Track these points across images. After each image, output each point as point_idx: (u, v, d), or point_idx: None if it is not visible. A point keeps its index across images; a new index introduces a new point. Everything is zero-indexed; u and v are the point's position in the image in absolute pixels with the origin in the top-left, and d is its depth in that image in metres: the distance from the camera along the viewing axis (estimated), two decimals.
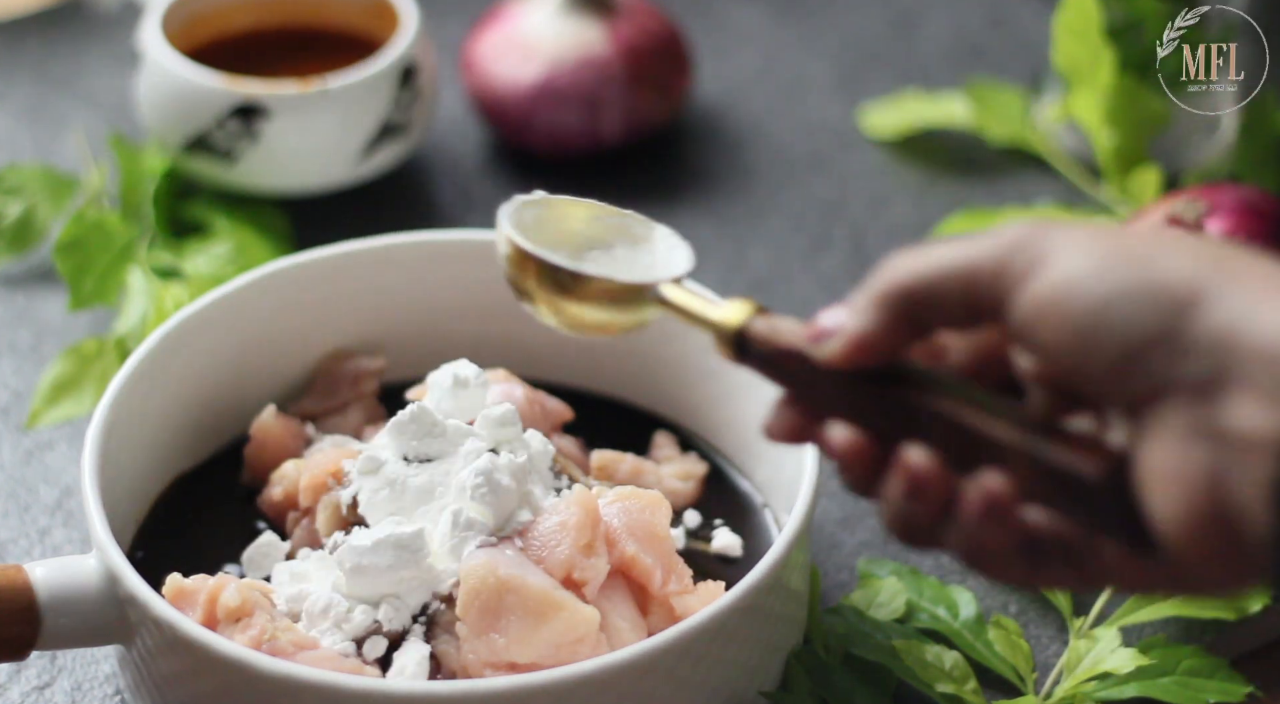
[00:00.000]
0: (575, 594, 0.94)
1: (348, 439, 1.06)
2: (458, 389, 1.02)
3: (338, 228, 1.26)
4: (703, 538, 1.05)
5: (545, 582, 0.94)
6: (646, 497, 0.99)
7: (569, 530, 0.96)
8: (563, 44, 1.31)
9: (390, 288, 1.11)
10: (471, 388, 1.02)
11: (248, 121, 1.24)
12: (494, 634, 0.93)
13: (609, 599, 0.96)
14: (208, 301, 1.07)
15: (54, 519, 1.11)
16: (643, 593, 0.97)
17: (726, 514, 1.06)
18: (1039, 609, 1.05)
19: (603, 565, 0.96)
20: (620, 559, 0.96)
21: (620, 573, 0.97)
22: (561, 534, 0.96)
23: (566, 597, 0.94)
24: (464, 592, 0.94)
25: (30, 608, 0.93)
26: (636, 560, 0.96)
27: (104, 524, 0.95)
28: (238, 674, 0.90)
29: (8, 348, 1.21)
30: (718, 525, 1.05)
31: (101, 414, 1.00)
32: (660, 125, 1.34)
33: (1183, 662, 1.00)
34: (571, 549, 0.95)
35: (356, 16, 1.31)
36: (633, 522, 0.97)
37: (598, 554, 0.96)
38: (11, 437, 1.15)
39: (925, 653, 1.00)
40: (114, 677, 1.02)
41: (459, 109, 1.37)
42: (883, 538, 1.09)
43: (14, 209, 1.26)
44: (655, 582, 0.97)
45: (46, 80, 1.40)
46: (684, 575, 0.97)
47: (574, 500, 0.97)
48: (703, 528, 1.05)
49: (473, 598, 0.94)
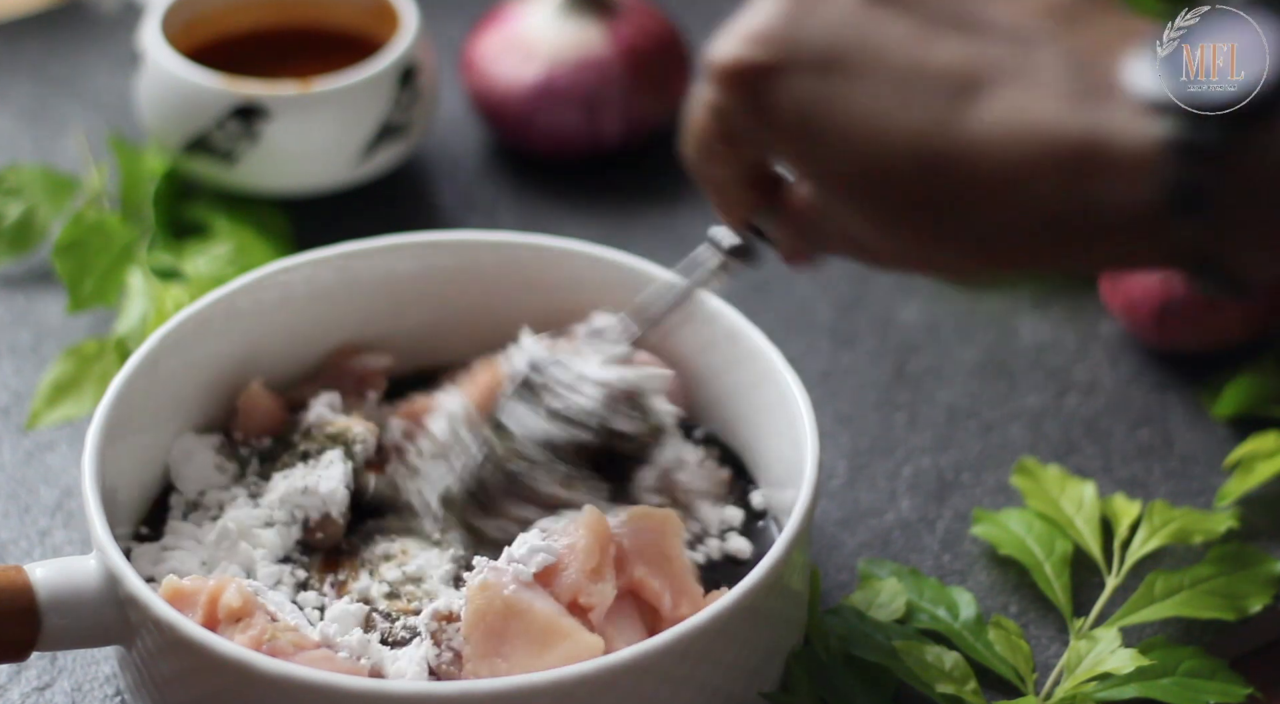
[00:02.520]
0: (581, 619, 0.94)
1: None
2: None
3: (338, 228, 1.26)
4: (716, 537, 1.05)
5: (551, 607, 0.94)
6: (658, 517, 0.98)
7: (577, 554, 0.95)
8: (563, 44, 1.31)
9: (390, 288, 1.11)
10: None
11: (248, 122, 1.24)
12: (497, 658, 0.93)
13: (616, 623, 0.95)
14: (208, 302, 1.07)
15: (54, 520, 1.11)
16: (653, 614, 0.97)
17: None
18: (1039, 610, 1.05)
19: (609, 590, 0.95)
20: (630, 581, 0.96)
21: (630, 594, 0.96)
22: (569, 557, 0.95)
23: (571, 624, 0.93)
24: (470, 613, 0.94)
25: (30, 609, 0.93)
26: (645, 583, 0.96)
27: (104, 525, 0.95)
28: (238, 675, 0.90)
29: (8, 348, 1.21)
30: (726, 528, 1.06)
31: (102, 415, 1.00)
32: (660, 125, 1.34)
33: (1183, 662, 1.00)
34: (579, 574, 0.95)
35: (356, 16, 1.31)
36: (643, 543, 0.97)
37: (605, 579, 0.95)
38: (12, 437, 1.15)
39: (925, 654, 1.00)
40: (114, 677, 1.02)
41: (459, 109, 1.37)
42: (882, 538, 1.09)
43: (14, 210, 1.26)
44: (665, 605, 0.96)
45: (46, 80, 1.40)
46: (695, 596, 0.97)
47: (583, 523, 0.96)
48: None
49: (478, 620, 0.93)
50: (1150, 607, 1.03)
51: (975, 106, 0.76)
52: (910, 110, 0.76)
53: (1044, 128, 0.74)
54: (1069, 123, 0.74)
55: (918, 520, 1.10)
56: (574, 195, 1.32)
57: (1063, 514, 1.07)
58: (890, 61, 0.77)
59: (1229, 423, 1.15)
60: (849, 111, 0.77)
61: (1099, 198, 0.74)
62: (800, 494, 0.97)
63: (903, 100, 0.76)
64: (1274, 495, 1.10)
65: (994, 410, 1.17)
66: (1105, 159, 0.73)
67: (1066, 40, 0.76)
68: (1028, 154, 0.74)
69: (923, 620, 1.03)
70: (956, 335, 1.21)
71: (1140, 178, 0.73)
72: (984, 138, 0.75)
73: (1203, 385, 1.17)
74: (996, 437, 1.15)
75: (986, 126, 0.75)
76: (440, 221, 1.29)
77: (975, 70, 0.76)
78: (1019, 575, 1.07)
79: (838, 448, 1.14)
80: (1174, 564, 1.07)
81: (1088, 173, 0.73)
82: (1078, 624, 1.03)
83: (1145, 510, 1.08)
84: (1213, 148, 0.72)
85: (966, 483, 1.13)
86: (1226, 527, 1.06)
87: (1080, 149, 0.73)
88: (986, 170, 0.75)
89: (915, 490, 1.12)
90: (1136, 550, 1.06)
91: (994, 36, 0.77)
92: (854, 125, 0.77)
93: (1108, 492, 1.11)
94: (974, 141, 0.75)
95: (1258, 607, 1.03)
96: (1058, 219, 0.75)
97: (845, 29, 0.78)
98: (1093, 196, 0.74)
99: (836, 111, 0.77)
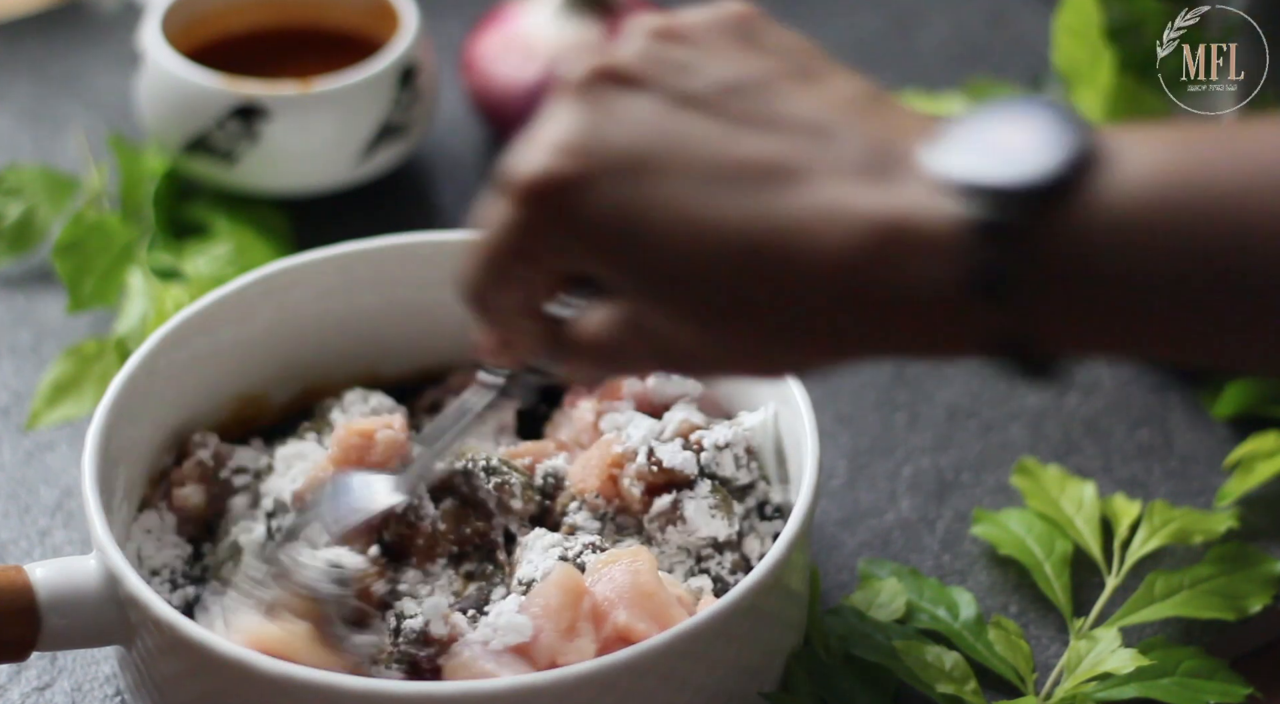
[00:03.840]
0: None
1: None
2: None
3: (338, 228, 1.26)
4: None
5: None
6: (626, 556, 0.96)
7: (550, 615, 0.93)
8: (563, 44, 1.31)
9: (390, 288, 1.11)
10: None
11: (248, 122, 1.24)
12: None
13: None
14: (208, 302, 1.07)
15: (54, 520, 1.11)
16: None
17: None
18: (1039, 610, 1.05)
19: (588, 645, 0.93)
20: (616, 629, 0.94)
21: (620, 641, 0.94)
22: (543, 620, 0.93)
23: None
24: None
25: (30, 609, 0.93)
26: (631, 629, 0.93)
27: (104, 525, 0.95)
28: (238, 675, 0.90)
29: (8, 348, 1.21)
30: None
31: (102, 415, 1.00)
32: None
33: (1183, 662, 1.00)
34: (553, 635, 0.93)
35: (356, 16, 1.31)
36: (619, 586, 0.95)
37: (581, 635, 0.93)
38: (11, 437, 1.15)
39: (925, 654, 1.00)
40: (114, 678, 1.02)
41: (459, 109, 1.37)
42: (882, 538, 1.09)
43: (14, 210, 1.26)
44: None
45: (46, 80, 1.40)
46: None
47: (553, 582, 0.94)
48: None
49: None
50: (1150, 607, 1.03)
51: (786, 194, 0.75)
52: (724, 202, 0.76)
53: (851, 210, 0.74)
54: (874, 204, 0.74)
55: (918, 520, 1.11)
56: None
57: (1063, 514, 1.07)
58: (698, 157, 0.77)
59: (1229, 423, 1.16)
60: (665, 209, 0.77)
61: (905, 278, 0.73)
62: (800, 494, 0.97)
63: (716, 193, 0.76)
64: (1274, 495, 1.11)
65: (994, 410, 1.17)
66: (909, 238, 0.73)
67: (864, 128, 0.76)
68: (842, 236, 0.74)
69: (923, 620, 1.03)
70: None
71: (943, 258, 0.73)
72: (799, 223, 0.75)
73: (1203, 385, 1.17)
74: (996, 437, 1.15)
75: (800, 212, 0.75)
76: (440, 221, 1.29)
77: (782, 159, 0.76)
78: (1019, 575, 1.07)
79: (838, 448, 1.15)
80: (1174, 564, 1.07)
81: (894, 253, 0.73)
82: (1078, 624, 1.03)
83: (1145, 510, 1.08)
84: (1010, 228, 0.72)
85: (966, 483, 1.13)
86: (1226, 527, 1.06)
87: (886, 229, 0.73)
88: (807, 255, 0.75)
89: (915, 490, 1.12)
90: (1136, 550, 1.06)
91: (796, 129, 0.77)
92: (671, 222, 0.76)
93: (1108, 492, 1.11)
94: (790, 227, 0.75)
95: (1258, 607, 1.03)
96: (871, 301, 0.74)
97: (650, 132, 0.78)
98: (899, 277, 0.74)
99: (653, 211, 0.77)
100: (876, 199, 0.74)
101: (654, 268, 0.77)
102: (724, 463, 1.00)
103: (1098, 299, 0.72)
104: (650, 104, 0.78)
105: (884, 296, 0.74)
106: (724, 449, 1.00)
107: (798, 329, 0.77)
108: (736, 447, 1.01)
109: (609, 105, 0.79)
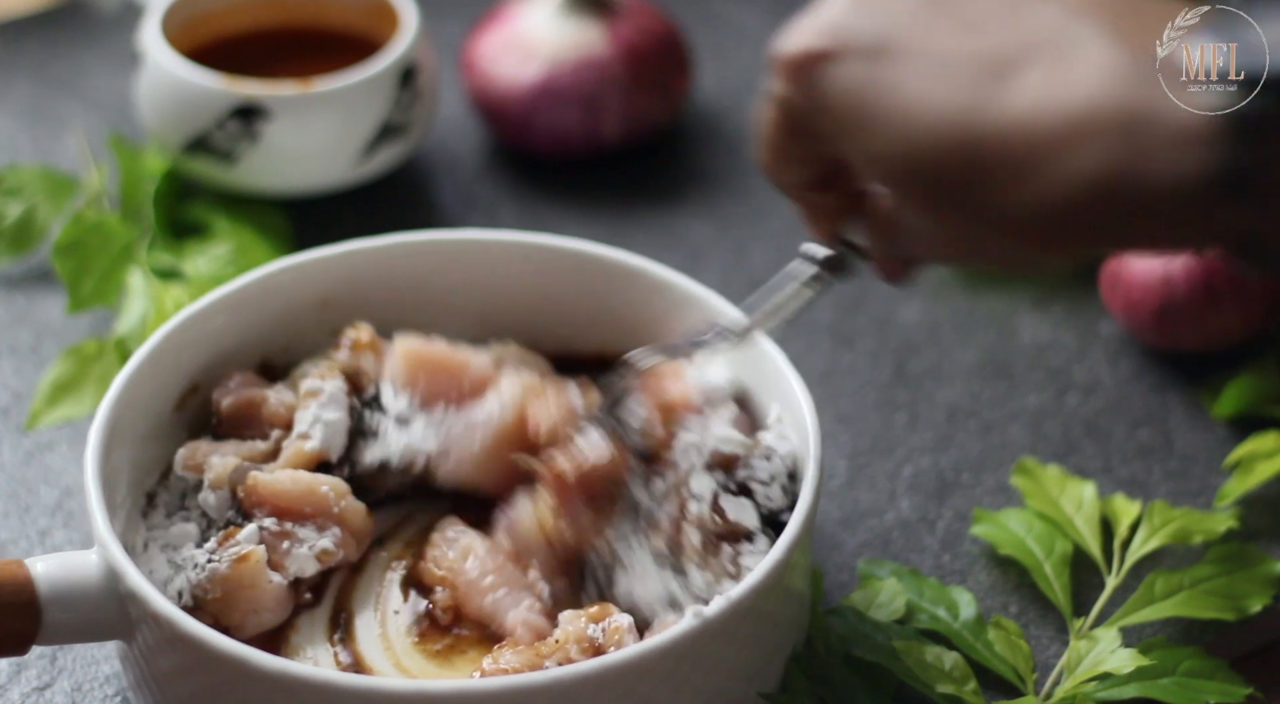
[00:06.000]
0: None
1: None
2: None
3: (338, 228, 1.26)
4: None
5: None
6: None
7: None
8: (563, 44, 1.31)
9: (390, 288, 1.11)
10: None
11: (248, 122, 1.24)
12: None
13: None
14: (208, 302, 1.07)
15: (54, 520, 1.11)
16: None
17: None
18: (1039, 610, 1.05)
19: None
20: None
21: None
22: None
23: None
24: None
25: (31, 603, 0.93)
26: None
27: (105, 519, 0.95)
28: (237, 670, 0.90)
29: (8, 348, 1.21)
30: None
31: (103, 413, 1.00)
32: (660, 125, 1.34)
33: (1183, 662, 1.00)
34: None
35: (356, 16, 1.31)
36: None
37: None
38: (12, 437, 1.15)
39: (925, 654, 1.00)
40: (114, 677, 1.02)
41: (459, 109, 1.37)
42: (883, 538, 1.09)
43: (14, 210, 1.26)
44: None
45: (46, 80, 1.40)
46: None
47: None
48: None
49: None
50: (1150, 607, 1.03)
51: (1014, 85, 0.78)
52: (949, 91, 0.80)
53: (1087, 100, 0.76)
54: (1114, 95, 0.76)
55: (918, 520, 1.11)
56: (574, 195, 1.32)
57: (1063, 514, 1.07)
58: (934, 47, 0.81)
59: (1229, 423, 1.16)
60: (893, 94, 0.81)
61: (1143, 170, 0.75)
62: (802, 495, 0.97)
63: (943, 82, 0.80)
64: (1274, 495, 1.11)
65: (994, 410, 1.17)
66: (1151, 131, 0.75)
67: (1110, 26, 0.79)
68: (1067, 124, 0.76)
69: (923, 620, 1.03)
70: (956, 335, 1.21)
71: (1187, 152, 0.74)
72: (1020, 113, 0.78)
73: (1203, 385, 1.17)
74: (996, 437, 1.15)
75: (1024, 102, 0.78)
76: (440, 221, 1.29)
77: (1015, 52, 0.79)
78: (1019, 575, 1.07)
79: (838, 448, 1.14)
80: (1174, 564, 1.07)
81: (1133, 144, 0.75)
82: (1078, 624, 1.03)
83: (1145, 510, 1.08)
84: (1266, 120, 0.72)
85: (966, 483, 1.13)
86: (1226, 527, 1.06)
87: (1126, 120, 0.75)
88: (1022, 145, 0.78)
89: (915, 490, 1.12)
90: (1136, 550, 1.06)
91: (1035, 29, 0.80)
92: (896, 108, 0.81)
93: (1108, 492, 1.11)
94: (1011, 118, 0.78)
95: (1258, 607, 1.03)
96: (1099, 192, 0.76)
97: (898, 21, 0.83)
98: (1137, 168, 0.75)
99: (881, 94, 0.82)
100: (1118, 89, 0.76)
101: (880, 151, 0.82)
102: (774, 497, 1.01)
103: None
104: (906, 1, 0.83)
105: (1118, 185, 0.76)
106: (771, 484, 1.01)
107: (1023, 220, 0.79)
108: (781, 478, 1.01)
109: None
